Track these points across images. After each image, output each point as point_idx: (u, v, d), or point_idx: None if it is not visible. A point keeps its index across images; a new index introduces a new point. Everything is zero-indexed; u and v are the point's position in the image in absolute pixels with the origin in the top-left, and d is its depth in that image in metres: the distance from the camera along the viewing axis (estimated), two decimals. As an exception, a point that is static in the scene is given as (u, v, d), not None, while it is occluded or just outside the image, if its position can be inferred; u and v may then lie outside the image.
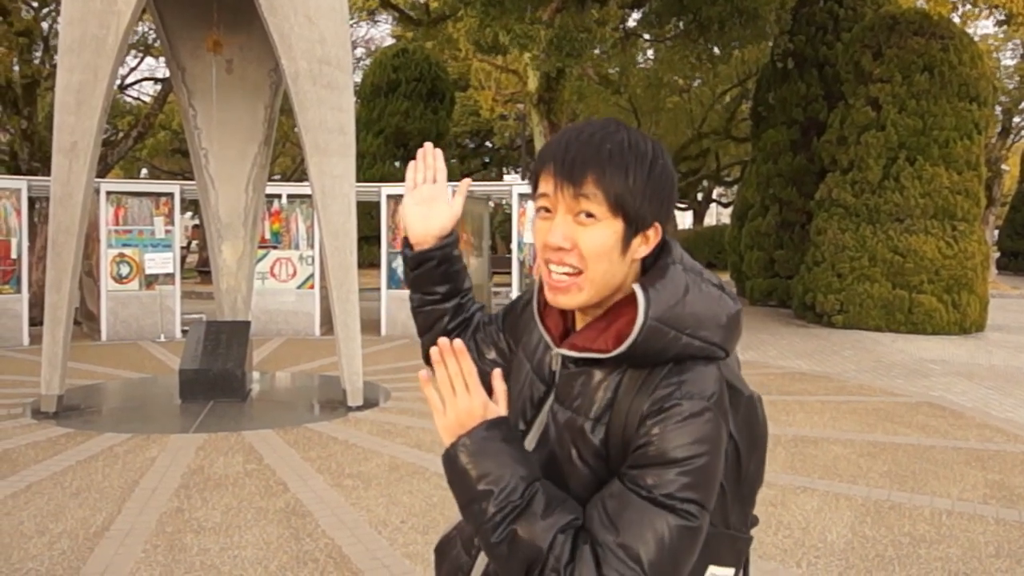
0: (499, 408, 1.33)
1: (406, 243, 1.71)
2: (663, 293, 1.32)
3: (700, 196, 41.54)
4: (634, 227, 1.33)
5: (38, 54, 20.37)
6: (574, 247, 1.33)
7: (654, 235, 1.36)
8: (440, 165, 1.70)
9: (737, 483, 1.42)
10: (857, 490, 5.92)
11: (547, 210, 1.36)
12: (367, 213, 20.21)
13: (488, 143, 42.75)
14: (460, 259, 1.71)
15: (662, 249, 1.41)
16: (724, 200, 45.59)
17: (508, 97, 32.32)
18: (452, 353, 1.32)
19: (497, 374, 1.38)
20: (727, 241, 22.79)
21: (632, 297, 1.35)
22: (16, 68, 19.39)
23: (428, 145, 1.70)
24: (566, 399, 1.39)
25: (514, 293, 14.24)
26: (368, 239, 21.66)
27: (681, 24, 22.11)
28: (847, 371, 11.11)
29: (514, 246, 14.19)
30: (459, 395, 1.31)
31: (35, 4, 20.42)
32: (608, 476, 1.31)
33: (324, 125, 8.07)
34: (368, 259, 22.29)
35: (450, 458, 1.30)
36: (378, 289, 14.87)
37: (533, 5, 17.25)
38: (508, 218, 21.98)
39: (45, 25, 20.95)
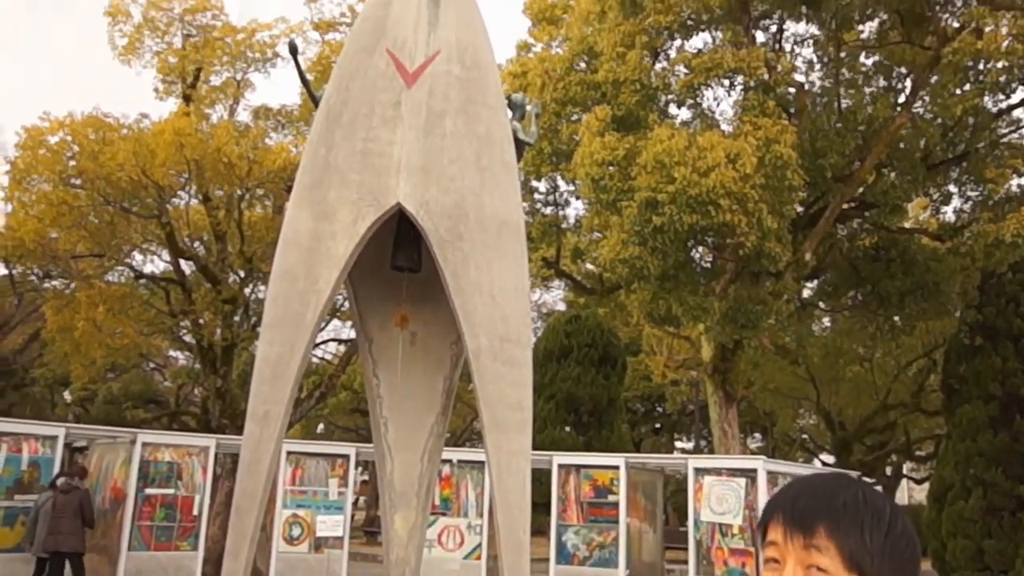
0: None
1: None
2: None
3: (889, 471, 38.93)
4: None
5: (236, 318, 22.12)
6: None
7: None
8: None
9: None
10: None
11: (775, 560, 1.30)
12: (536, 479, 19.89)
13: (659, 408, 42.26)
14: None
15: None
16: (917, 476, 42.47)
17: (680, 363, 32.18)
18: None
19: None
20: (925, 525, 20.91)
21: None
22: (218, 332, 21.01)
23: None
24: None
25: (691, 573, 13.36)
26: (536, 506, 21.21)
27: (859, 295, 21.80)
28: None
29: (690, 523, 13.45)
30: None
31: (241, 273, 22.44)
32: None
33: (503, 401, 8.10)
34: (536, 527, 21.73)
35: None
36: (546, 560, 14.30)
37: (706, 278, 17.46)
38: (681, 489, 21.15)
39: (247, 290, 22.87)
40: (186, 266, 22.75)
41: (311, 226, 8.46)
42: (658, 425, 43.50)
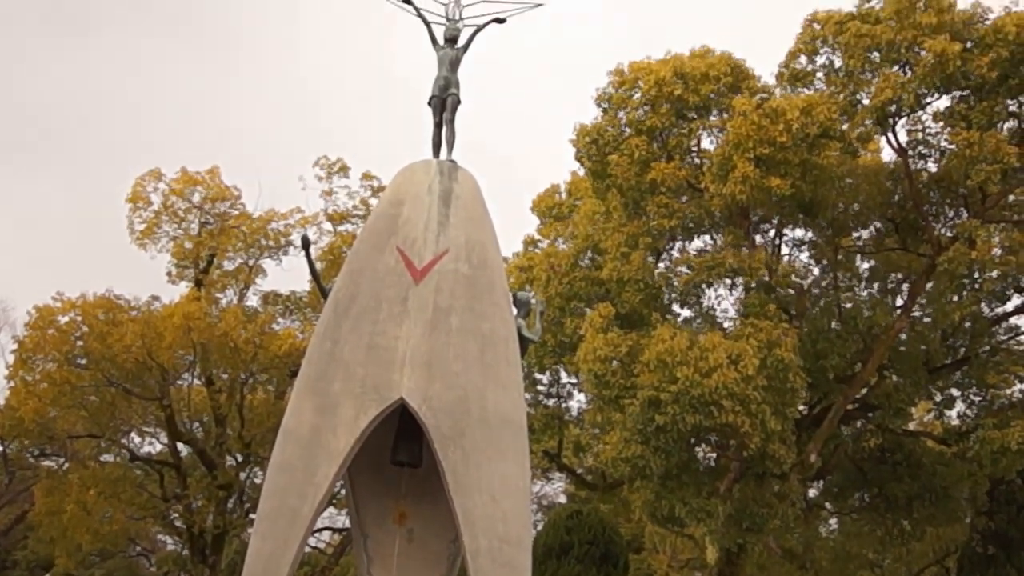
0: None
1: None
2: None
3: None
4: None
5: (230, 504, 21.63)
6: None
7: None
8: None
9: None
10: None
11: None
12: None
13: (663, 612, 40.45)
14: None
15: None
16: None
17: (684, 563, 31.13)
18: None
19: None
20: None
21: None
22: (210, 518, 20.49)
23: None
24: None
25: None
26: None
27: (866, 497, 21.36)
28: None
29: None
30: None
31: (239, 457, 22.12)
32: None
33: (501, 607, 7.81)
34: None
35: None
36: None
37: (710, 478, 17.19)
38: None
39: (243, 475, 22.45)
40: (183, 448, 22.48)
41: (312, 419, 8.45)
42: (662, 630, 41.48)
